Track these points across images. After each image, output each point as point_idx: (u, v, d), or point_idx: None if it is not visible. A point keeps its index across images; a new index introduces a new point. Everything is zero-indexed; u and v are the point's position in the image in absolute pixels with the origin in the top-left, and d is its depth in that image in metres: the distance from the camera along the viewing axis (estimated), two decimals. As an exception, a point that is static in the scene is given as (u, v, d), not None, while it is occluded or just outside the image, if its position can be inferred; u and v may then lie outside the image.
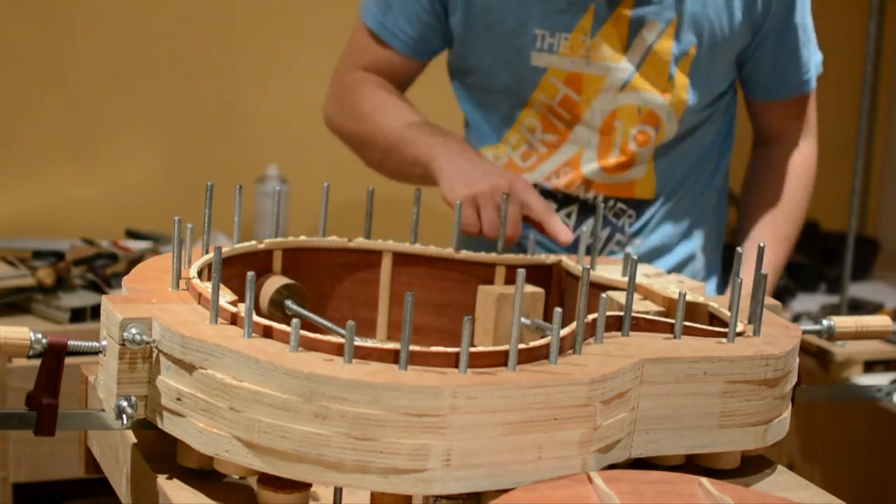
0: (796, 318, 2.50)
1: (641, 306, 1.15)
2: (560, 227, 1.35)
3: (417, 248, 1.30)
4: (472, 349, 0.90)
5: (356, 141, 1.60)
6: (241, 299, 1.01)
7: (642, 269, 1.29)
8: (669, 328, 1.05)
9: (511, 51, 1.52)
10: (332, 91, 1.63)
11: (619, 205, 1.57)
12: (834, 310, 2.52)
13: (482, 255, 1.31)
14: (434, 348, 0.91)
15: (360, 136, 1.58)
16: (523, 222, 1.38)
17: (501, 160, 1.58)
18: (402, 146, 1.50)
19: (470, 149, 1.46)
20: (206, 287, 1.02)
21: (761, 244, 1.11)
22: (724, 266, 1.73)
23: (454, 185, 1.38)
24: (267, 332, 0.94)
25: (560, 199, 1.56)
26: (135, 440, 1.03)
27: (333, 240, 1.29)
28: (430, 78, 1.71)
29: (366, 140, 1.57)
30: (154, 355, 0.95)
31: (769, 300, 1.19)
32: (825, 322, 1.21)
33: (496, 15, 1.51)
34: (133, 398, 0.96)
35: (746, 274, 1.36)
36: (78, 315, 2.18)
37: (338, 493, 0.92)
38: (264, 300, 1.21)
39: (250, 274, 0.94)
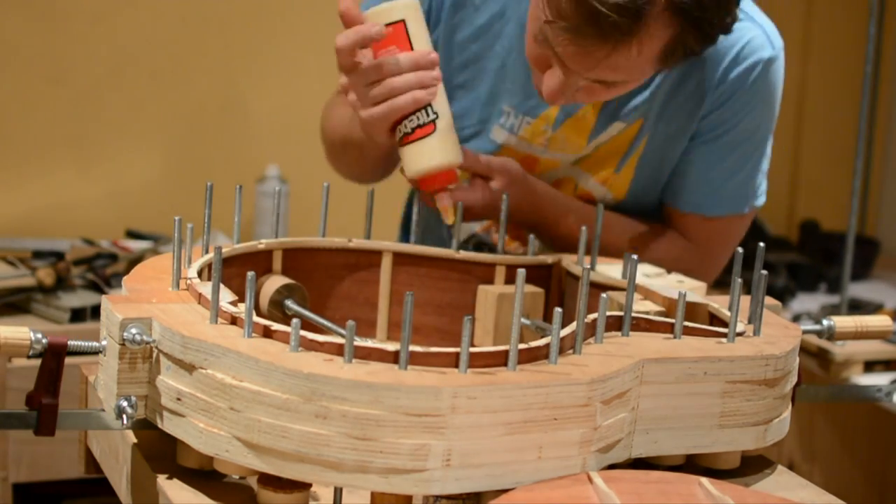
0: (796, 318, 2.49)
1: (641, 306, 1.15)
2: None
3: (417, 248, 1.30)
4: (472, 349, 0.90)
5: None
6: (241, 299, 1.01)
7: (642, 269, 1.29)
8: (669, 328, 1.05)
9: (474, 117, 1.46)
10: None
11: None
12: (834, 310, 2.51)
13: (482, 256, 1.31)
14: (434, 348, 0.91)
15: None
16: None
17: None
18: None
19: None
20: (206, 287, 1.02)
21: (761, 244, 1.11)
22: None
23: None
24: (267, 333, 0.94)
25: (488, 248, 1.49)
26: (135, 440, 1.03)
27: (333, 240, 1.29)
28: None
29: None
30: (154, 355, 0.95)
31: (769, 300, 1.19)
32: (825, 322, 1.21)
33: (472, 74, 1.45)
34: (133, 398, 0.96)
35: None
36: (78, 315, 2.18)
37: (338, 493, 0.92)
38: (264, 300, 1.21)
39: (250, 274, 0.94)
